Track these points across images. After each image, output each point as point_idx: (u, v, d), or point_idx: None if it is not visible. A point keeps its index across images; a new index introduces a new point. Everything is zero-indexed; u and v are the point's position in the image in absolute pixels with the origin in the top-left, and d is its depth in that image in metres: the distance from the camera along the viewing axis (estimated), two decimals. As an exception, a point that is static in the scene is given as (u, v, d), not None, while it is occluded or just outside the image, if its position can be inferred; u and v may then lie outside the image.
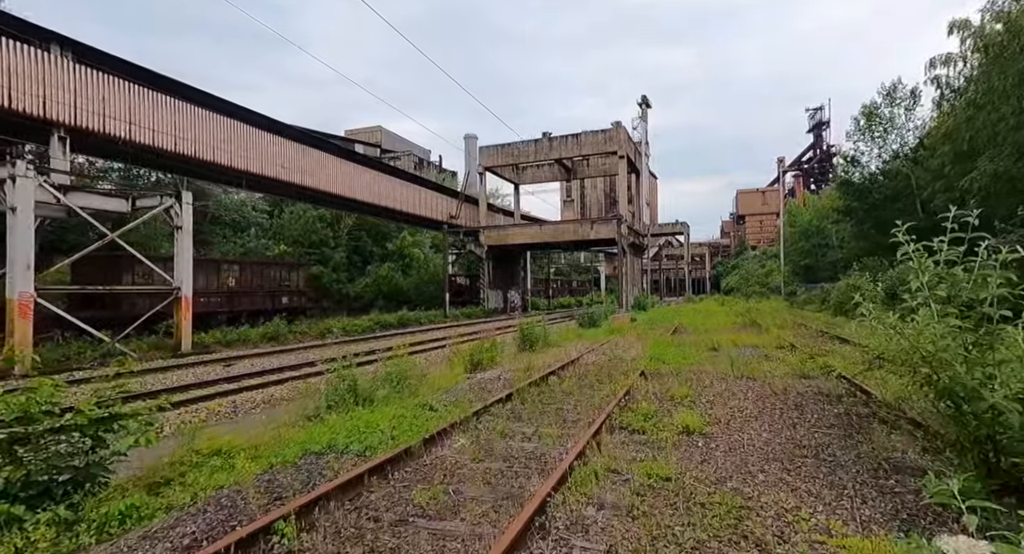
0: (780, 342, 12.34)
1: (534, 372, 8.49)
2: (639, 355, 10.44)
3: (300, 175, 21.93)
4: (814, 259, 47.39)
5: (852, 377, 7.02)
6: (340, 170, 24.31)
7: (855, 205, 28.93)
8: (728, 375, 8.07)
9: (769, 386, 7.11)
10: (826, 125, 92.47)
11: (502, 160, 34.69)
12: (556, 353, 11.85)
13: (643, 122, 69.94)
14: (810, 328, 15.56)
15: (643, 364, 8.93)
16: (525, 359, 11.00)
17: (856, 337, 11.95)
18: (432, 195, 33.18)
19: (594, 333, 16.52)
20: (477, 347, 10.50)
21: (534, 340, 12.97)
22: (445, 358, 11.87)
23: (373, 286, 37.31)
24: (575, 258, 79.56)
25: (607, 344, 13.13)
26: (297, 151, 21.86)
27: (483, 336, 13.46)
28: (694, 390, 6.85)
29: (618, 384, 6.93)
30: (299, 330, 19.80)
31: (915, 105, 26.67)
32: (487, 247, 34.83)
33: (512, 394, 6.32)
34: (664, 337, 14.12)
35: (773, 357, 10.04)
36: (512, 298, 40.00)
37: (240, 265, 20.93)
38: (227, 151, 19.36)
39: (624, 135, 31.24)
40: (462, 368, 9.49)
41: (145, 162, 20.73)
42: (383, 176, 28.06)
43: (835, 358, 9.22)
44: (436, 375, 8.99)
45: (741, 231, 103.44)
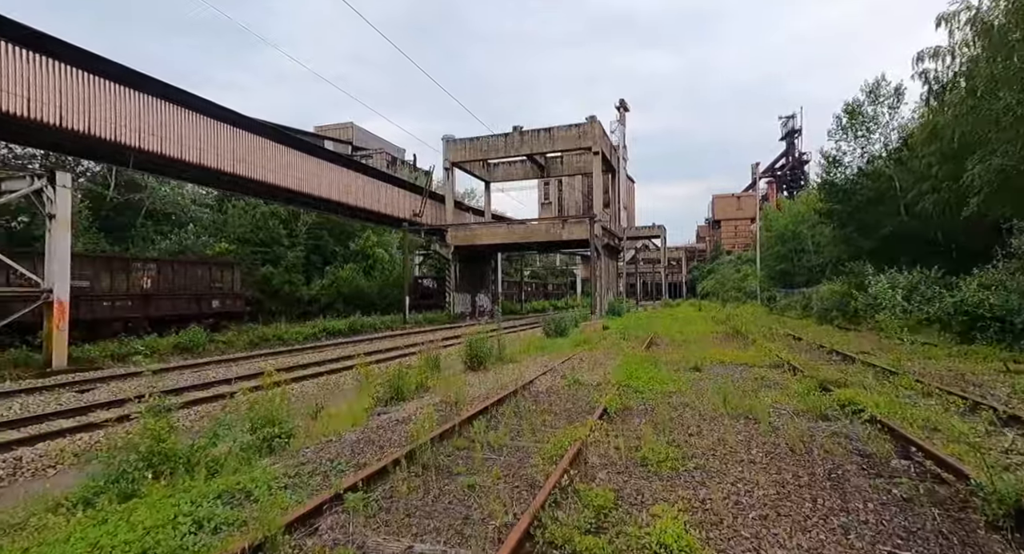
0: (772, 358, 10.46)
1: (462, 408, 6.32)
2: (605, 379, 8.37)
3: (245, 167, 19.34)
4: (790, 264, 46.62)
5: (893, 422, 5.05)
6: (287, 161, 21.74)
7: (837, 208, 27.69)
8: (719, 412, 6.04)
9: (780, 435, 5.09)
10: (798, 133, 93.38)
11: (471, 154, 32.50)
12: (507, 373, 9.70)
13: (621, 125, 68.87)
14: (801, 340, 13.81)
15: (608, 394, 6.85)
16: (465, 383, 8.83)
17: (871, 356, 10.18)
18: (394, 191, 30.75)
19: (559, 345, 14.45)
20: (404, 368, 8.27)
21: (483, 356, 10.80)
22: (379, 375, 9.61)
23: (331, 288, 34.61)
24: (551, 261, 77.84)
25: (571, 360, 11.05)
26: (251, 142, 19.33)
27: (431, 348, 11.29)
28: (675, 445, 4.77)
29: (568, 435, 4.80)
30: (224, 339, 17.19)
31: (899, 103, 25.56)
32: (454, 247, 32.57)
33: (403, 459, 4.11)
34: (638, 351, 12.12)
35: (770, 382, 8.09)
36: (481, 302, 37.76)
37: (158, 264, 18.17)
38: (175, 141, 16.85)
39: (599, 130, 29.43)
40: (372, 400, 7.24)
41: (78, 152, 17.99)
42: (338, 168, 25.54)
43: (851, 384, 7.31)
44: (334, 412, 6.74)
45: (717, 236, 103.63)
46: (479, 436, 5.04)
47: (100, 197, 26.95)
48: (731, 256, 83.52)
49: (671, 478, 3.98)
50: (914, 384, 7.32)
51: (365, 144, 55.58)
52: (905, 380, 7.47)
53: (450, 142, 32.83)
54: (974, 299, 11.83)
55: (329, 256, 40.98)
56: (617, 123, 68.96)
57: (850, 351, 11.40)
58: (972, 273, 15.38)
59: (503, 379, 8.93)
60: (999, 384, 7.69)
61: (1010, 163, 13.87)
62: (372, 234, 41.43)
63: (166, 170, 19.16)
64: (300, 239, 37.71)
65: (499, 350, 11.84)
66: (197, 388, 9.70)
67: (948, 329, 12.23)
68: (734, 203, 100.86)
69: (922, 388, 7.10)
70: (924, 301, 16.01)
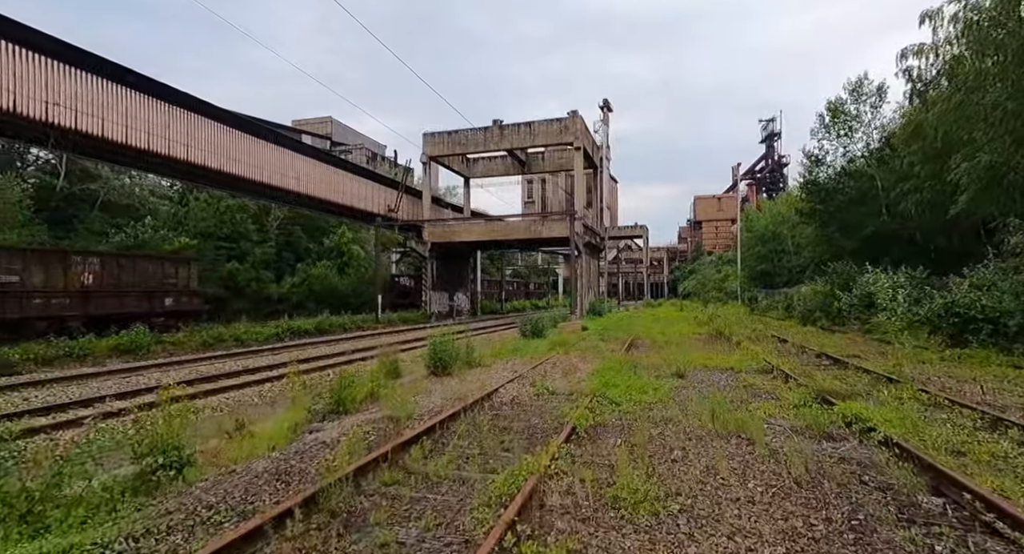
0: (759, 362, 9.72)
1: (407, 426, 5.36)
2: (579, 387, 7.49)
3: (203, 155, 17.94)
4: (771, 265, 46.64)
5: (912, 445, 4.25)
6: (250, 150, 20.39)
7: (819, 207, 27.39)
8: (707, 429, 5.19)
9: (780, 461, 4.25)
10: (777, 136, 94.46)
11: (449, 149, 31.41)
12: (472, 380, 8.75)
13: (604, 125, 68.38)
14: (787, 342, 13.15)
15: (580, 406, 5.96)
16: (423, 391, 7.86)
17: (862, 360, 9.48)
18: (369, 185, 29.50)
19: (535, 347, 13.54)
20: (352, 375, 7.25)
21: (448, 361, 9.82)
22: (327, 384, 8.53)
23: (303, 287, 33.20)
24: (533, 260, 77.10)
25: (544, 364, 10.15)
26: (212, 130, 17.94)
27: (391, 351, 10.28)
28: (655, 477, 3.88)
29: (525, 466, 3.86)
30: (173, 340, 15.85)
31: (881, 102, 25.33)
32: (430, 244, 31.45)
33: (296, 508, 3.12)
34: (616, 354, 11.28)
35: (761, 390, 7.29)
36: (459, 301, 36.70)
37: (102, 258, 16.70)
38: (120, 125, 15.50)
39: (580, 125, 28.64)
40: (308, 413, 6.21)
41: (30, 139, 16.40)
42: (307, 159, 24.22)
43: (852, 395, 6.55)
44: (259, 429, 5.70)
45: (698, 237, 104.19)
46: (417, 465, 4.08)
47: (50, 188, 25.18)
48: (712, 256, 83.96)
49: (650, 528, 3.08)
50: (918, 394, 6.60)
51: (345, 139, 53.99)
52: (908, 389, 6.75)
53: (427, 136, 31.70)
54: (965, 300, 11.30)
55: (302, 253, 39.51)
56: (601, 123, 68.48)
57: (840, 354, 10.75)
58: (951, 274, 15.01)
59: (466, 387, 7.98)
60: (1006, 392, 7.02)
61: (999, 160, 13.43)
62: (347, 230, 40.08)
63: (115, 158, 17.68)
64: (271, 235, 36.23)
65: (467, 353, 10.89)
66: (116, 397, 8.51)
67: (939, 331, 11.70)
68: (715, 204, 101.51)
69: (928, 399, 6.37)
70: (913, 302, 15.59)
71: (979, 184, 14.16)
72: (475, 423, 5.53)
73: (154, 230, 26.36)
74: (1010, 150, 13.40)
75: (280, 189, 22.17)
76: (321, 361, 13.16)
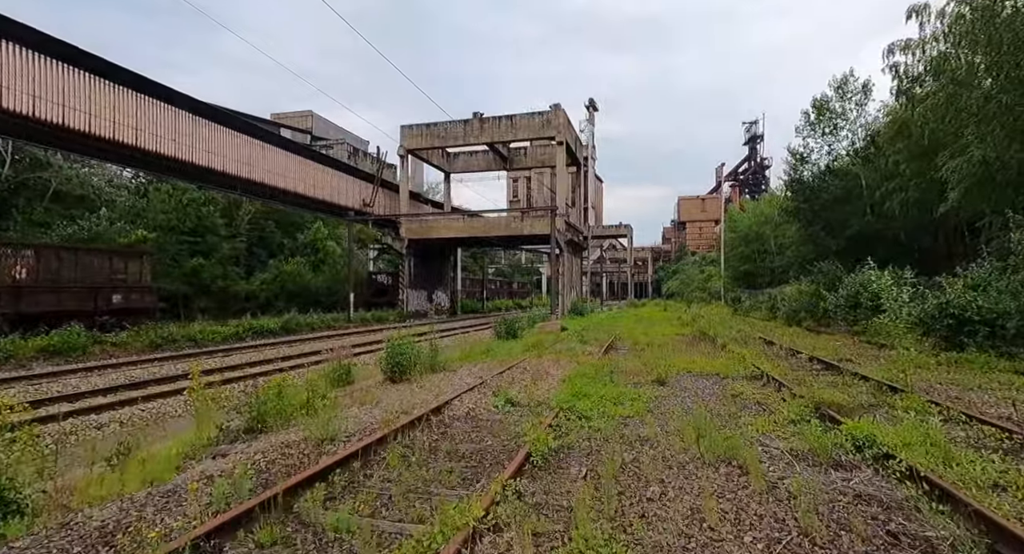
0: (747, 367, 8.92)
1: (337, 447, 4.37)
2: (546, 397, 6.57)
3: (155, 141, 16.55)
4: (754, 265, 46.47)
5: (945, 481, 3.40)
6: (208, 138, 19.04)
7: (804, 206, 26.98)
8: (691, 454, 4.31)
9: (781, 499, 3.37)
10: (760, 138, 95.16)
11: (427, 142, 30.29)
12: (430, 387, 7.78)
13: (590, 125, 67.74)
14: (774, 345, 12.44)
15: (543, 423, 5.04)
16: (370, 401, 6.87)
17: (855, 364, 8.69)
18: (343, 178, 28.23)
19: (508, 349, 12.60)
20: (283, 384, 6.21)
21: (406, 365, 8.82)
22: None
23: (274, 284, 31.82)
24: (516, 258, 76.25)
25: (513, 369, 9.21)
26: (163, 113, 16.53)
27: (344, 354, 9.26)
28: (624, 527, 2.96)
29: (456, 517, 2.90)
30: (117, 341, 14.53)
31: (866, 99, 24.97)
32: (407, 241, 30.33)
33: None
34: (593, 358, 10.40)
35: (751, 401, 6.45)
36: (438, 299, 35.62)
37: (37, 250, 15.29)
38: (84, 112, 14.14)
39: (563, 119, 27.78)
40: (217, 431, 5.17)
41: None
42: (275, 149, 22.89)
43: (854, 408, 5.74)
44: (151, 453, 4.65)
45: (682, 237, 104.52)
46: (314, 513, 3.10)
47: (-8, 176, 23.44)
48: (696, 257, 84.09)
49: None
50: (927, 406, 5.83)
51: (326, 134, 52.44)
52: (914, 400, 5.98)
53: (405, 128, 30.54)
54: (960, 301, 10.68)
55: (275, 249, 38.06)
56: (586, 122, 67.91)
57: (831, 358, 10.03)
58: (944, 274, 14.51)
59: (420, 396, 7.00)
60: (1020, 403, 6.29)
61: (992, 155, 12.90)
62: (323, 226, 38.68)
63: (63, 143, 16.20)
64: (241, 230, 34.71)
65: (431, 356, 9.90)
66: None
67: (932, 333, 11.08)
68: (699, 205, 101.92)
69: (940, 412, 5.59)
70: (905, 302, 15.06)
71: (970, 180, 13.63)
72: (414, 446, 4.57)
73: (110, 222, 24.79)
74: (1003, 145, 12.88)
75: (243, 180, 20.83)
76: (271, 365, 12.04)
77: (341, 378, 8.69)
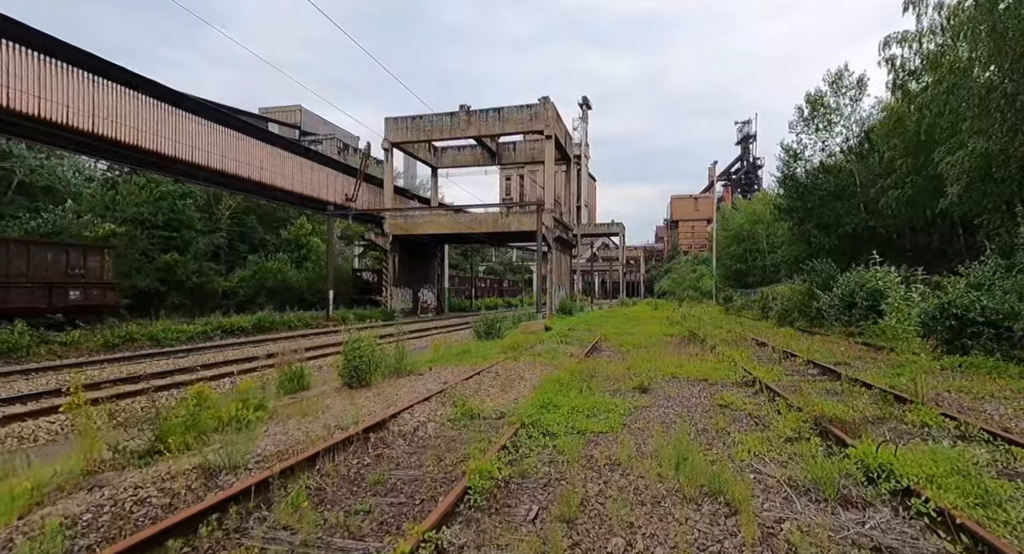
0: (738, 372, 8.20)
1: (236, 477, 3.56)
2: (512, 407, 5.79)
3: (110, 126, 15.55)
4: (745, 264, 46.05)
5: (989, 532, 2.65)
6: (176, 125, 18.05)
7: (797, 204, 26.42)
8: (669, 484, 3.55)
9: None
10: (753, 138, 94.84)
11: (413, 135, 29.37)
12: (388, 394, 6.98)
13: (583, 123, 67.06)
14: (766, 346, 11.75)
15: (497, 443, 4.26)
16: (311, 412, 6.05)
17: (854, 368, 7.96)
18: (324, 171, 27.26)
19: (485, 350, 11.81)
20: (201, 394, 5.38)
21: (366, 369, 8.00)
22: None
23: (254, 280, 30.77)
24: (508, 257, 75.43)
25: (484, 373, 8.43)
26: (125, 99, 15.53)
27: (295, 358, 8.43)
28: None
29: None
30: (68, 340, 13.56)
31: (861, 95, 24.41)
32: (392, 237, 29.41)
33: None
34: (574, 360, 9.64)
35: (741, 412, 5.71)
36: (424, 297, 34.74)
37: (-17, 243, 14.31)
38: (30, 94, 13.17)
39: (552, 112, 26.98)
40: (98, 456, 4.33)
41: None
42: (250, 140, 21.89)
43: (859, 423, 5.01)
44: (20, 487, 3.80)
45: (675, 236, 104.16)
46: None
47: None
48: (688, 256, 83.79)
49: None
50: (941, 420, 5.12)
51: (315, 129, 51.36)
52: (925, 413, 5.27)
53: (390, 120, 29.60)
54: (963, 301, 10.04)
55: (258, 244, 37.02)
56: (579, 120, 67.11)
57: (827, 361, 9.33)
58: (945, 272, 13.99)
59: (370, 406, 6.20)
60: (1042, 416, 5.60)
61: (996, 147, 12.28)
62: (307, 221, 37.68)
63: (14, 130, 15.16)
64: (222, 224, 33.65)
65: (398, 359, 9.09)
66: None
67: (932, 335, 10.45)
68: (692, 204, 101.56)
69: (957, 427, 4.88)
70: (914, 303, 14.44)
71: (973, 174, 13.02)
72: (333, 475, 3.76)
73: (77, 216, 23.68)
74: (1007, 138, 12.26)
75: (211, 170, 19.79)
76: (229, 367, 11.15)
77: (293, 385, 7.87)
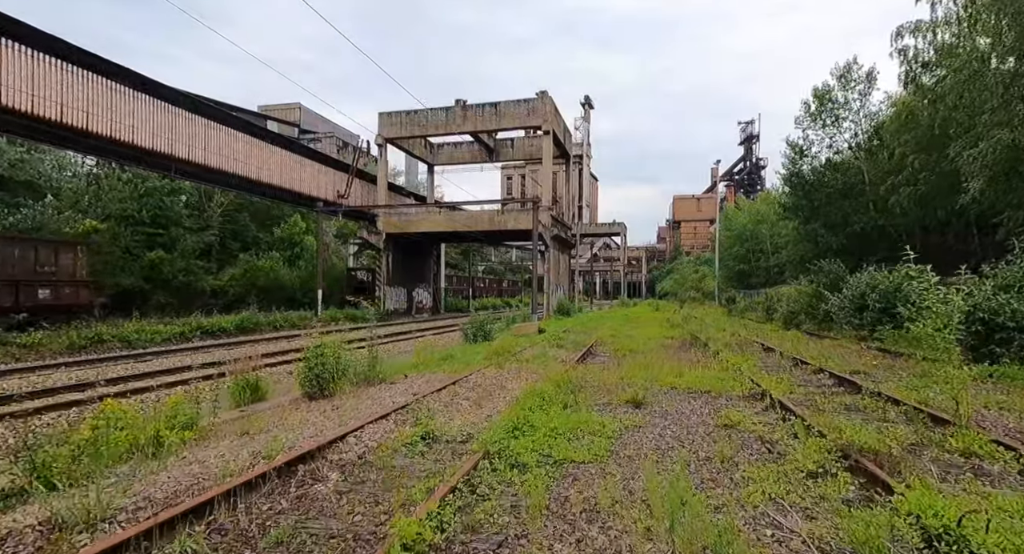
0: (744, 382, 7.33)
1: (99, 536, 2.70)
2: (483, 427, 4.93)
3: (77, 115, 14.75)
4: (748, 265, 45.15)
5: None
6: (149, 116, 17.25)
7: (803, 202, 25.49)
8: (658, 547, 2.68)
9: None
10: (756, 138, 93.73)
11: (407, 130, 28.54)
12: (346, 409, 6.14)
13: (585, 122, 66.11)
14: (774, 351, 10.87)
15: (445, 485, 3.41)
16: (253, 431, 5.22)
17: (872, 379, 7.02)
18: (316, 167, 26.48)
19: (470, 354, 10.97)
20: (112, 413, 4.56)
21: (331, 378, 7.16)
22: None
23: (244, 279, 29.95)
24: (509, 256, 74.51)
25: (462, 383, 7.58)
26: (103, 90, 14.72)
27: (249, 368, 7.61)
28: None
29: None
30: (29, 341, 12.75)
31: (871, 89, 23.45)
32: (385, 235, 28.60)
33: None
34: (564, 367, 8.77)
35: (750, 436, 4.84)
36: (419, 297, 33.92)
37: (-58, 238, 13.53)
38: None
39: (550, 107, 26.12)
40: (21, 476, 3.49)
41: None
42: (233, 132, 21.09)
43: (894, 454, 4.14)
44: None
45: (677, 237, 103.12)
46: None
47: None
48: (690, 257, 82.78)
49: None
50: (994, 449, 4.26)
51: (315, 127, 50.62)
52: (972, 438, 4.41)
53: (383, 115, 28.78)
54: (991, 304, 9.17)
55: (250, 242, 36.25)
56: (581, 120, 66.17)
57: (842, 370, 8.46)
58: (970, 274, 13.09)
59: (320, 424, 5.36)
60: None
61: (1022, 138, 11.38)
62: (300, 219, 36.91)
63: None
64: (213, 222, 32.85)
65: (370, 366, 8.26)
66: None
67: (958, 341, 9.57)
68: (694, 204, 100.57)
69: (1016, 459, 4.02)
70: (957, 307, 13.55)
71: (997, 168, 12.11)
72: (226, 531, 2.92)
73: (58, 211, 22.91)
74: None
75: (186, 162, 18.89)
76: (191, 373, 10.30)
77: (247, 395, 7.04)
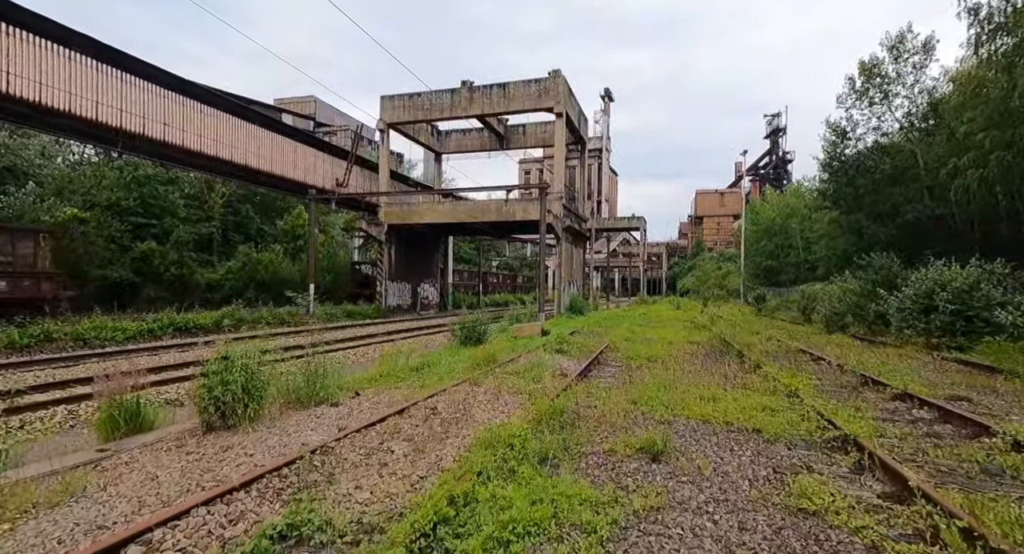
0: (808, 415, 5.25)
1: None
2: (400, 505, 3.00)
3: (53, 94, 13.28)
4: (776, 260, 42.33)
5: None
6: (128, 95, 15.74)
7: (846, 190, 22.82)
8: None
9: None
10: (783, 131, 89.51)
11: (410, 114, 26.71)
12: (228, 458, 4.30)
13: (605, 115, 63.45)
14: (824, 361, 8.69)
15: None
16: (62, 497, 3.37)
17: (981, 408, 4.89)
18: (313, 154, 24.86)
19: (453, 361, 9.05)
20: None
21: (245, 400, 5.33)
22: None
23: (242, 273, 28.64)
24: (523, 251, 72.42)
25: (413, 410, 5.67)
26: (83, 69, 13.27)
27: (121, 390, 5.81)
28: None
29: None
30: (-34, 339, 11.34)
31: (928, 60, 20.67)
32: (387, 226, 26.89)
33: None
34: (559, 384, 6.77)
35: (854, 545, 2.80)
36: (425, 293, 32.22)
37: None
38: None
39: (563, 88, 23.97)
40: None
41: None
42: (222, 114, 19.54)
43: None
44: None
45: (699, 232, 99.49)
46: None
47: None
48: (713, 253, 79.44)
49: None
50: None
51: (331, 120, 49.52)
52: None
53: (385, 99, 27.00)
54: None
55: (254, 234, 35.09)
56: (601, 113, 63.59)
57: (933, 395, 6.29)
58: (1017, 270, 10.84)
59: (185, 482, 3.52)
60: None
61: None
62: (304, 211, 35.60)
63: None
64: (214, 213, 31.66)
65: (316, 380, 6.41)
66: None
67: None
68: (717, 199, 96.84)
69: None
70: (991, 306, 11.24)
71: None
72: None
73: (39, 199, 21.79)
74: None
75: (165, 144, 17.34)
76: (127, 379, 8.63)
77: (121, 424, 5.26)
